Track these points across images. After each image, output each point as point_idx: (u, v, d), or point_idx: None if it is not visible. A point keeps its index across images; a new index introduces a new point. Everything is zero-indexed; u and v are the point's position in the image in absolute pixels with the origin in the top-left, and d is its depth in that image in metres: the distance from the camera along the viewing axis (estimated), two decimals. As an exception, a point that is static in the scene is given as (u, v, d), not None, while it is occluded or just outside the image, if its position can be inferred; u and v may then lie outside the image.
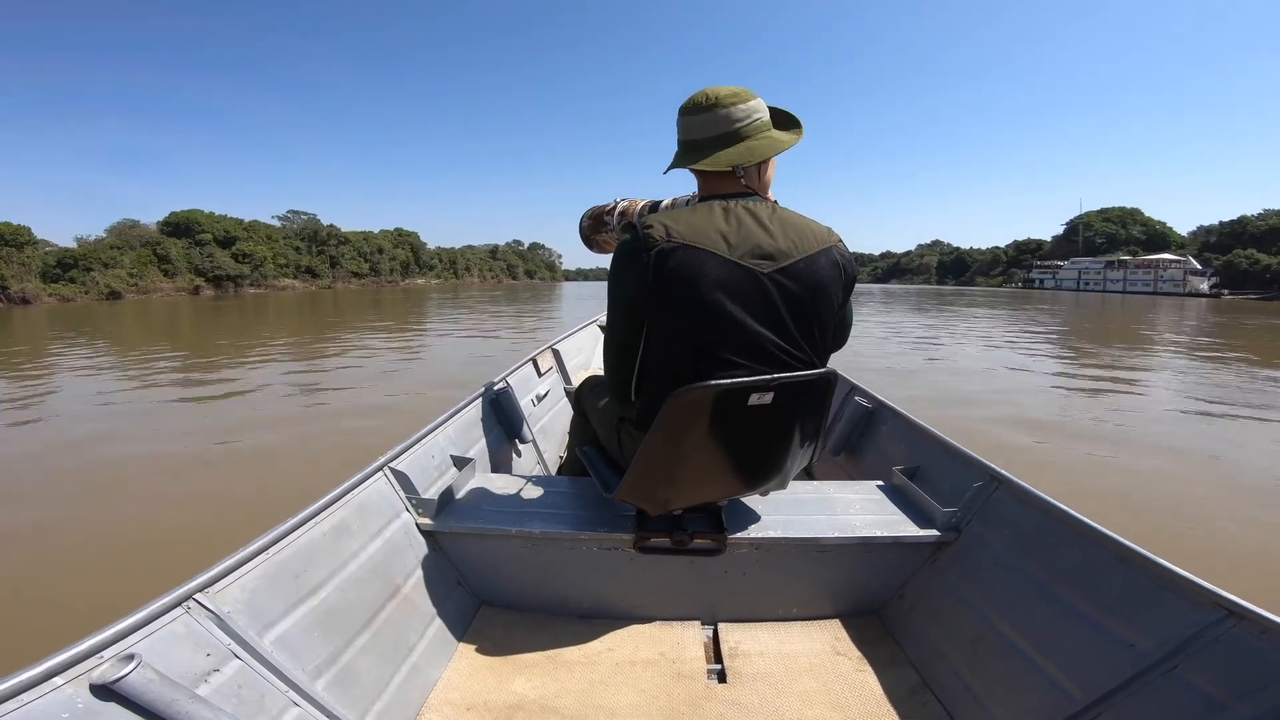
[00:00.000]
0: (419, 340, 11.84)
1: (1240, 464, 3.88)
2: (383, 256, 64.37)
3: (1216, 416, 5.37)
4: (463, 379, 6.36)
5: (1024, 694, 0.97)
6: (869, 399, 1.95)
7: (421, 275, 72.76)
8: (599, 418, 1.34)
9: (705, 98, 1.07)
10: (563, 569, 1.32)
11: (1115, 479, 3.60)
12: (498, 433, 1.91)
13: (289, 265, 51.76)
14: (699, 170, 1.10)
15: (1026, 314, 22.13)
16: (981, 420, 4.95)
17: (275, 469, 3.80)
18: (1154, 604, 0.88)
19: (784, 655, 1.21)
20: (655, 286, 0.98)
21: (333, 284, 55.02)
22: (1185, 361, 9.33)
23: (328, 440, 4.39)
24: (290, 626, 0.94)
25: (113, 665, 0.69)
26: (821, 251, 1.04)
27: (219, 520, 2.89)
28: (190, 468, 3.78)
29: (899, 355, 9.60)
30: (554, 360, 2.67)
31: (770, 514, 1.33)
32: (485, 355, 9.20)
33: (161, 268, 41.54)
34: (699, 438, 1.03)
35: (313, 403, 5.76)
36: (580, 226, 1.65)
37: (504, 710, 1.06)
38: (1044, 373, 7.95)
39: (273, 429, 4.67)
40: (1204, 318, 21.88)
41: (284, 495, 3.09)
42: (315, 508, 1.08)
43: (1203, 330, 15.95)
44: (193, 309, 25.19)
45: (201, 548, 2.15)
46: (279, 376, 7.19)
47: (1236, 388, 6.85)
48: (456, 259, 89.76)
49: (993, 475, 1.27)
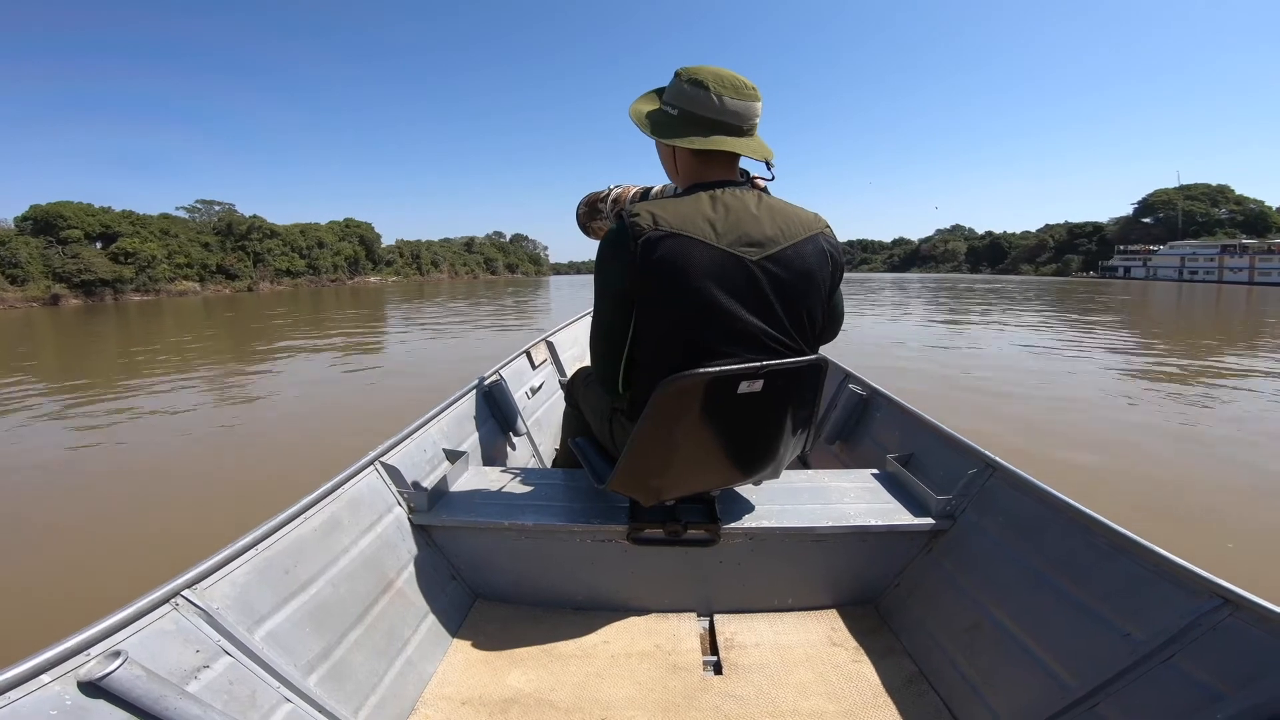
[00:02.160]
0: (274, 368, 8.26)
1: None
2: (324, 251, 55.46)
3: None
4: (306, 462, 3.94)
5: (1020, 683, 0.97)
6: (863, 387, 1.94)
7: (376, 272, 64.24)
8: (591, 409, 1.33)
9: (746, 84, 1.04)
10: (557, 561, 1.31)
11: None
12: (491, 426, 1.89)
13: (192, 265, 43.07)
14: (701, 152, 1.06)
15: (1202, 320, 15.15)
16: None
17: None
18: (1150, 592, 0.88)
19: (780, 646, 1.21)
20: (643, 276, 0.97)
21: (255, 285, 46.55)
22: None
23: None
24: (281, 622, 0.93)
25: (100, 662, 0.68)
26: (809, 238, 1.03)
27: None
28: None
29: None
30: (548, 352, 2.66)
31: (764, 504, 1.33)
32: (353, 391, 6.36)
33: (8, 273, 33.79)
34: (690, 426, 1.02)
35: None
36: (577, 214, 1.66)
37: (499, 704, 1.06)
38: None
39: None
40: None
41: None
42: (305, 503, 1.07)
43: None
44: (26, 326, 19.44)
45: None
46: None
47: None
48: (420, 253, 78.86)
49: (987, 462, 1.27)
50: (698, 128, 1.04)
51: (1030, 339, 10.74)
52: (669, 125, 1.07)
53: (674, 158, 1.13)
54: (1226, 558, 2.61)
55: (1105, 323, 14.22)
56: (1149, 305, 22.76)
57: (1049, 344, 9.99)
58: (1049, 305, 20.45)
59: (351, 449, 1.30)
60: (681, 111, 1.06)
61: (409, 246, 77.88)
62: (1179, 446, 4.19)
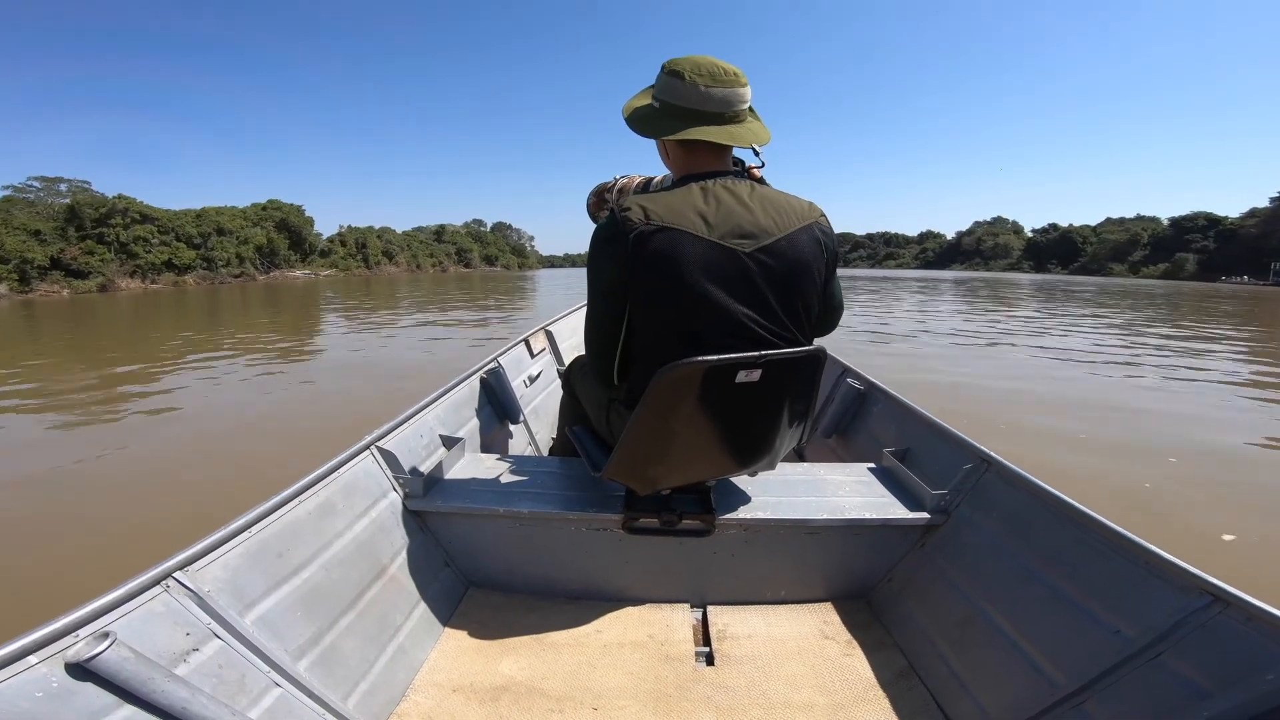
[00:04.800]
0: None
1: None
2: (224, 240, 42.15)
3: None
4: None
5: (1008, 679, 0.98)
6: (861, 381, 1.94)
7: (306, 265, 50.25)
8: (589, 398, 1.33)
9: (725, 70, 1.02)
10: (551, 550, 1.31)
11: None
12: (488, 413, 1.89)
13: (6, 261, 29.62)
14: (687, 143, 1.05)
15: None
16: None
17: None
18: (1141, 589, 0.88)
19: (772, 638, 1.21)
20: (635, 270, 0.96)
21: (110, 284, 32.93)
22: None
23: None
24: (272, 606, 0.92)
25: (88, 643, 0.68)
26: (803, 228, 1.02)
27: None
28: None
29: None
30: (547, 341, 2.65)
31: (759, 495, 1.33)
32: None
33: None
34: (687, 415, 1.02)
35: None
36: (587, 205, 1.70)
37: (491, 692, 1.06)
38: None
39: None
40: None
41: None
42: (299, 486, 1.06)
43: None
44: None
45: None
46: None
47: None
48: (367, 241, 61.45)
49: (982, 457, 1.27)
50: (678, 119, 1.03)
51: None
52: (651, 119, 1.07)
53: (665, 150, 1.12)
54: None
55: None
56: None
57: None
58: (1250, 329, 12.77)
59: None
60: (663, 104, 1.05)
61: (353, 234, 61.10)
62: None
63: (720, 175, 1.04)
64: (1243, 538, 2.63)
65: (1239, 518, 2.84)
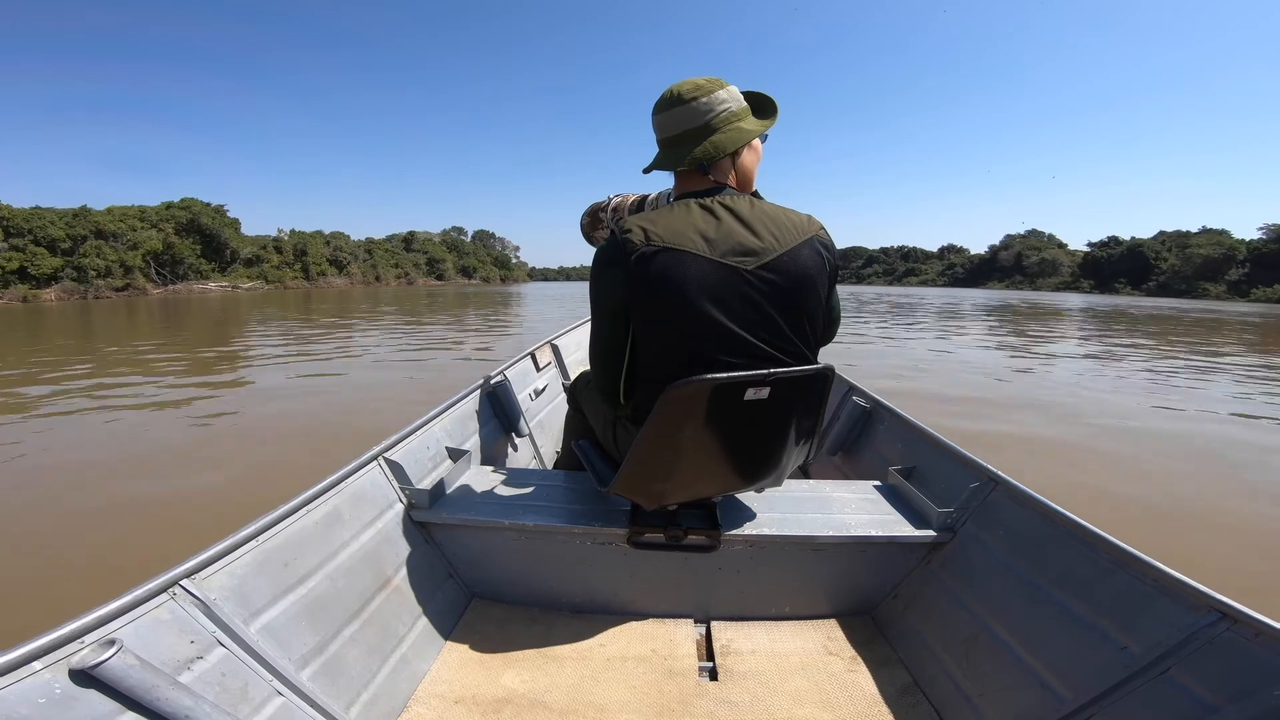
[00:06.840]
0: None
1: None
2: (104, 245, 33.97)
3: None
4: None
5: (1015, 695, 0.96)
6: (867, 399, 1.94)
7: (226, 276, 42.12)
8: (594, 412, 1.33)
9: (671, 93, 1.07)
10: (555, 563, 1.31)
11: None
12: (494, 426, 1.90)
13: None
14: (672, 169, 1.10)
15: None
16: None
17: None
18: (1148, 606, 0.88)
19: (776, 654, 1.20)
20: (638, 292, 0.97)
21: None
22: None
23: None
24: (277, 615, 0.93)
25: (93, 650, 0.68)
26: (804, 243, 1.03)
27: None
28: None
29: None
30: (552, 355, 2.67)
31: (765, 511, 1.33)
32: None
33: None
34: (695, 431, 1.02)
35: None
36: (581, 225, 1.70)
37: (493, 704, 1.05)
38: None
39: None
40: None
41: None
42: (307, 496, 1.07)
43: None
44: None
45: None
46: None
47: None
48: (308, 248, 50.74)
49: (990, 476, 1.27)
50: (670, 149, 1.09)
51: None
52: (658, 160, 1.12)
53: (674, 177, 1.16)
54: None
55: None
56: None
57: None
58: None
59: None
60: (658, 140, 1.11)
61: (293, 240, 51.15)
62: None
63: (718, 191, 1.06)
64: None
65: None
